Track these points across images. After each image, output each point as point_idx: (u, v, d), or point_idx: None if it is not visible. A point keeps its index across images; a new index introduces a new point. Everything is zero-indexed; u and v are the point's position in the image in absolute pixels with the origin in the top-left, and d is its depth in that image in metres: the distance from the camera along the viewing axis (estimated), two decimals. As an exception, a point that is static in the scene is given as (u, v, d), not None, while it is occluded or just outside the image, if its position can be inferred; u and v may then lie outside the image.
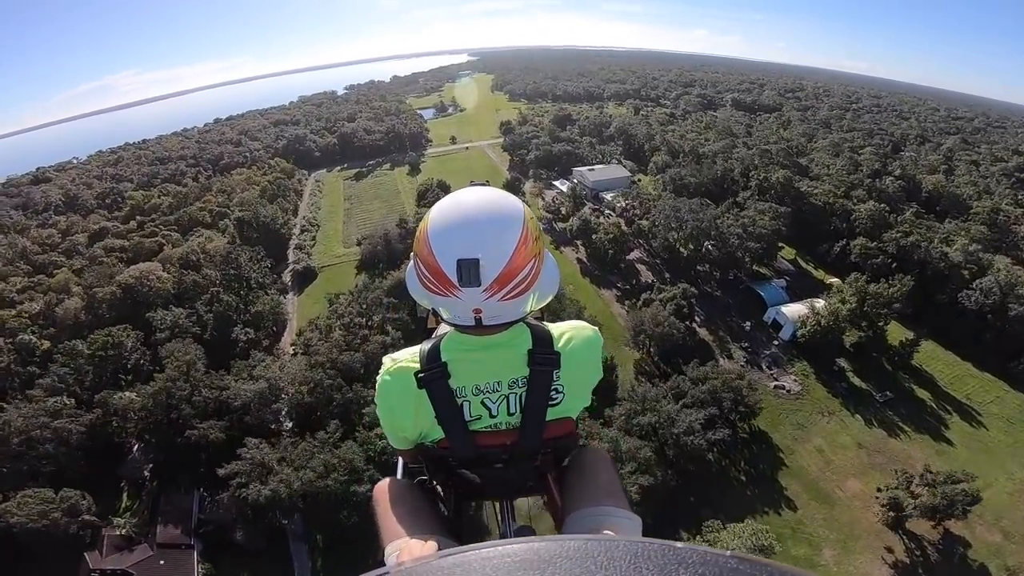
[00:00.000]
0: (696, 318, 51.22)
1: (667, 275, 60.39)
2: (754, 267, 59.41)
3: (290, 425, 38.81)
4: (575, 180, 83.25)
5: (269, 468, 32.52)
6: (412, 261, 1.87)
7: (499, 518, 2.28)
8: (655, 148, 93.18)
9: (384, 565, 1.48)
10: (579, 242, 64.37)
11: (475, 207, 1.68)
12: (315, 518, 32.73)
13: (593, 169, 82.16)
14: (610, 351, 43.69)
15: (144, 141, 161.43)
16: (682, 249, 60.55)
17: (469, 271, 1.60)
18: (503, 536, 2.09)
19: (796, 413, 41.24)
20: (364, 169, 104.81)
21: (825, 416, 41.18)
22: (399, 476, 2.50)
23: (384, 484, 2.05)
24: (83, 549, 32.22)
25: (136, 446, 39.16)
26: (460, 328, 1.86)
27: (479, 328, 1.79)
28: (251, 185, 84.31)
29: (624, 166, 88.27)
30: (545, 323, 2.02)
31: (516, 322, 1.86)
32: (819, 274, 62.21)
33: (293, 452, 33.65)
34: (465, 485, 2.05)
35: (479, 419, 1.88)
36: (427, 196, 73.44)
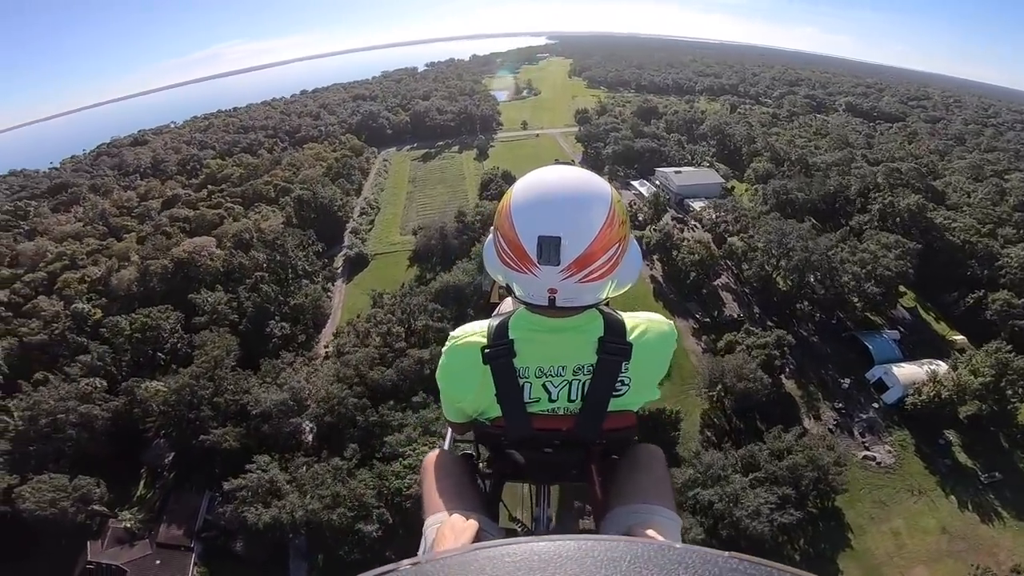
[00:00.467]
0: (786, 367, 42.08)
1: (756, 310, 50.72)
2: (864, 312, 48.01)
3: (310, 439, 35.23)
4: (657, 182, 73.57)
5: (276, 490, 29.42)
6: (491, 235, 1.81)
7: (534, 502, 2.27)
8: (755, 153, 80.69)
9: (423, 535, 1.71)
10: (656, 257, 55.60)
11: (560, 184, 1.60)
12: (317, 544, 30.21)
13: (680, 171, 71.79)
14: (676, 397, 38.51)
15: (235, 109, 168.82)
16: (779, 281, 50.24)
17: (549, 249, 1.53)
18: (535, 520, 2.18)
19: (881, 488, 35.24)
20: (433, 150, 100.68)
21: (914, 495, 34.97)
22: (447, 446, 2.47)
23: (433, 455, 2.05)
24: (88, 537, 31.39)
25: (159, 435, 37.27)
26: (531, 307, 1.78)
27: (551, 309, 1.69)
28: (319, 161, 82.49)
29: (717, 170, 76.82)
30: (619, 312, 1.90)
31: (589, 307, 1.76)
32: (941, 327, 49.95)
33: (304, 474, 30.59)
34: (510, 465, 2.06)
35: (537, 402, 1.83)
36: (490, 187, 67.77)
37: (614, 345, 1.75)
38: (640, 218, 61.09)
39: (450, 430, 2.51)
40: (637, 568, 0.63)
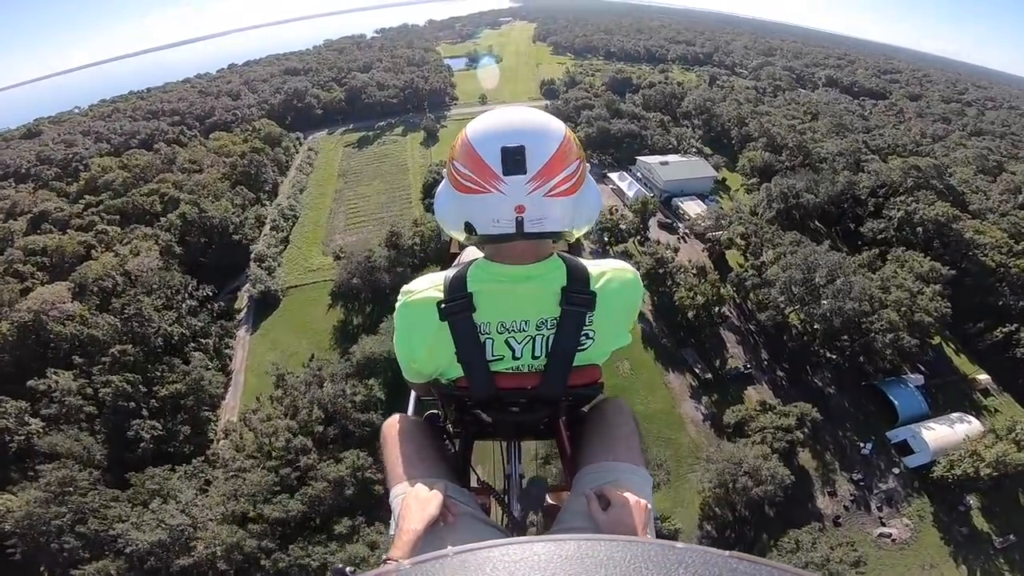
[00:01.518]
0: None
1: (765, 355, 40.33)
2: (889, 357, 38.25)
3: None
4: (639, 174, 60.73)
5: None
6: (445, 175, 1.69)
7: (504, 459, 2.23)
8: (747, 137, 68.63)
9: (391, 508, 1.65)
10: (645, 288, 43.53)
11: (515, 111, 1.59)
12: None
13: (667, 162, 58.85)
14: (672, 481, 32.20)
15: (148, 90, 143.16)
16: (793, 319, 39.49)
17: (514, 157, 1.47)
18: (508, 478, 2.14)
19: (892, 568, 30.84)
20: (371, 133, 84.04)
21: (924, 569, 31.17)
22: (410, 413, 2.34)
23: (393, 421, 1.94)
24: None
25: None
26: (490, 252, 1.69)
27: (518, 238, 1.56)
28: (222, 157, 65.07)
29: (707, 159, 64.35)
30: (582, 260, 1.75)
31: (556, 236, 1.66)
32: (960, 359, 42.05)
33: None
34: (476, 425, 1.99)
35: (501, 359, 1.69)
36: (435, 191, 53.02)
37: (577, 295, 1.63)
38: (622, 227, 48.24)
39: (412, 392, 2.37)
40: (637, 567, 0.62)
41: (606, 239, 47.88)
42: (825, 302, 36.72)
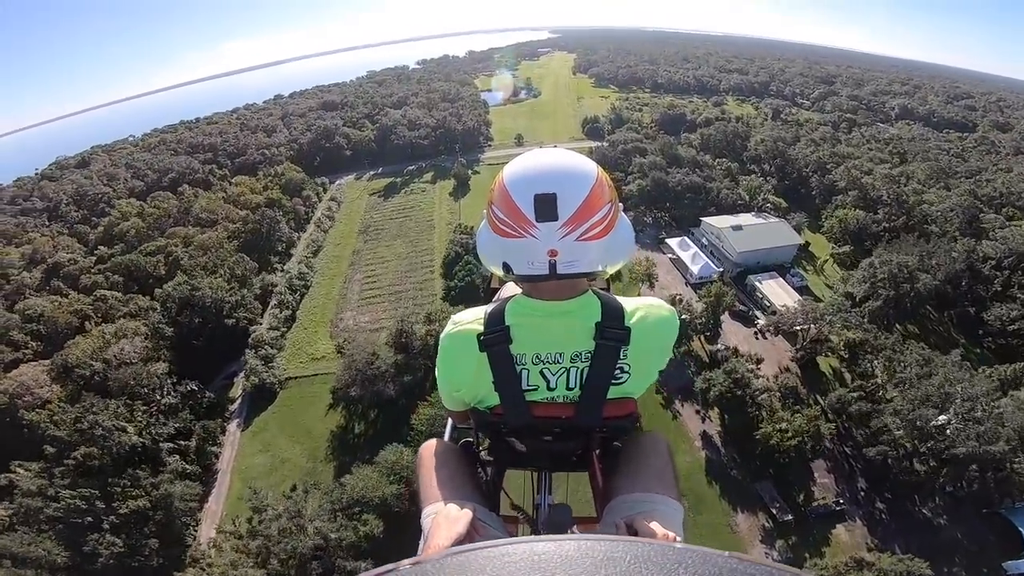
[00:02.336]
0: None
1: (862, 485, 29.85)
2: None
3: None
4: (704, 240, 50.50)
5: None
6: (485, 216, 1.76)
7: (535, 489, 2.21)
8: (832, 187, 57.21)
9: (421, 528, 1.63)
10: (712, 406, 33.17)
11: (547, 154, 1.64)
12: None
13: (740, 226, 48.18)
14: None
15: (196, 120, 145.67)
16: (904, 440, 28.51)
17: (546, 205, 1.53)
18: (536, 507, 2.11)
19: None
20: (399, 179, 77.73)
21: None
22: (447, 438, 2.41)
23: (430, 445, 1.98)
24: None
25: None
26: (527, 289, 1.77)
27: (552, 279, 1.64)
28: (237, 208, 59.78)
29: (786, 216, 53.26)
30: (617, 296, 1.81)
31: (587, 276, 1.71)
32: None
33: None
34: (510, 453, 2.00)
35: (536, 389, 1.74)
36: (456, 267, 45.11)
37: (612, 330, 1.67)
38: (686, 318, 37.75)
39: (449, 419, 2.44)
40: (636, 567, 0.61)
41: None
42: (963, 447, 25.83)
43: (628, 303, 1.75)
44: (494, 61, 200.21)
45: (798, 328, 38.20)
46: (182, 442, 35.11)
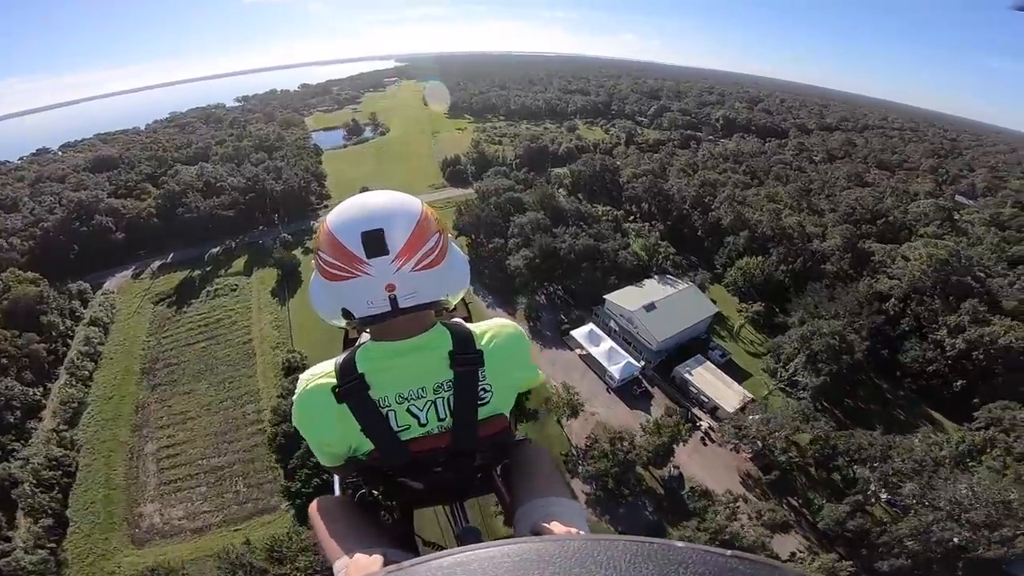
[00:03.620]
0: None
1: None
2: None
3: None
4: (613, 325, 39.78)
5: None
6: (314, 266, 1.70)
7: (451, 520, 2.18)
8: (718, 224, 51.86)
9: None
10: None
11: (370, 196, 1.63)
12: None
13: (653, 305, 38.06)
14: None
15: None
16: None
17: (374, 241, 1.52)
18: (458, 538, 1.92)
19: None
20: (198, 271, 54.69)
21: None
22: (337, 493, 2.26)
23: (320, 503, 1.81)
24: None
25: None
26: (376, 332, 1.73)
27: (396, 314, 1.62)
28: None
29: (689, 277, 45.34)
30: (465, 323, 1.82)
31: (433, 306, 1.71)
32: None
33: None
34: (408, 492, 1.93)
35: (408, 428, 1.69)
36: (297, 451, 28.05)
37: (465, 356, 1.68)
38: (630, 457, 25.86)
39: (336, 476, 2.28)
40: (637, 567, 0.59)
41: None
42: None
43: (476, 327, 1.77)
44: (332, 95, 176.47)
45: (758, 441, 29.12)
46: None
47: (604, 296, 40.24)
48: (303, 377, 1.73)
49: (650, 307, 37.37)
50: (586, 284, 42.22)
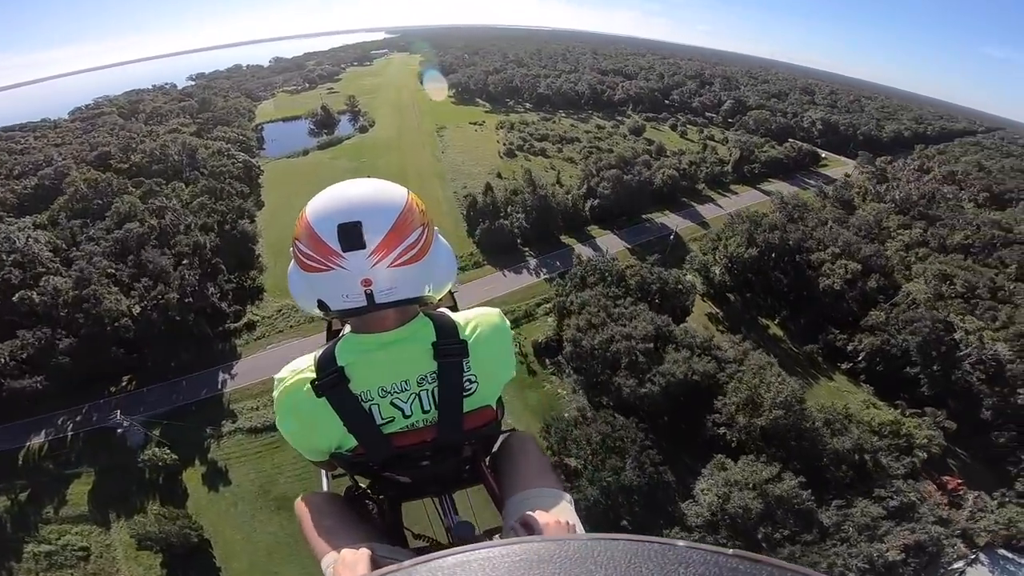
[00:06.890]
0: None
1: None
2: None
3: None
4: None
5: None
6: (292, 255, 1.59)
7: (441, 513, 2.13)
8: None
9: None
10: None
11: (353, 185, 1.54)
12: None
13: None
14: None
15: None
16: None
17: (351, 234, 1.41)
18: (448, 531, 1.93)
19: None
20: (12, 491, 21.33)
21: None
22: (325, 488, 2.21)
23: (307, 499, 1.77)
24: None
25: None
26: (356, 325, 1.65)
27: (374, 310, 1.53)
28: None
29: None
30: (449, 313, 1.74)
31: (414, 302, 1.63)
32: None
33: None
34: (396, 487, 1.87)
35: (392, 421, 1.62)
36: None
37: (448, 347, 1.61)
38: None
39: (323, 471, 2.18)
40: (637, 567, 0.57)
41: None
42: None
43: (460, 317, 1.70)
44: (307, 70, 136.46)
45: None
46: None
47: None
48: (282, 372, 1.63)
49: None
50: None
